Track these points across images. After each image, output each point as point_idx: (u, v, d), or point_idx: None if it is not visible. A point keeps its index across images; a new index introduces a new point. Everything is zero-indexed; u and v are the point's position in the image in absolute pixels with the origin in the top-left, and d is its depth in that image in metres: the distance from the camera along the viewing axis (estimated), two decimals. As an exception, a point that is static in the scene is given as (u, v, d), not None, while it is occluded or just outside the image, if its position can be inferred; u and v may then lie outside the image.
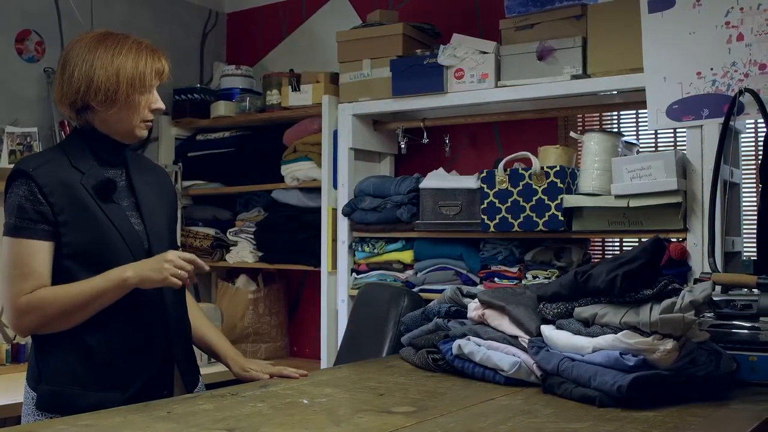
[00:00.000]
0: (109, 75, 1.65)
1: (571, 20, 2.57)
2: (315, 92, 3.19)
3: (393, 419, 1.38)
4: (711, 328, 1.83)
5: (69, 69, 1.67)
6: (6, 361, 3.04)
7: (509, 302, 1.82)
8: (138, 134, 1.73)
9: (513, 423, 1.37)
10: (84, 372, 1.63)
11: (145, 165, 1.86)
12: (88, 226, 1.63)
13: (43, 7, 3.34)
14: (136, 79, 1.67)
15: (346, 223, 3.04)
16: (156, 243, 1.71)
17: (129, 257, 1.64)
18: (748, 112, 2.21)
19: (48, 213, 1.61)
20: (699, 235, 2.28)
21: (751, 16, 2.20)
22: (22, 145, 3.09)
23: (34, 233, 1.60)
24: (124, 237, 1.65)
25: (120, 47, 1.68)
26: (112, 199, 1.68)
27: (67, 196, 1.62)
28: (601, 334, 1.58)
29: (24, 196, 1.61)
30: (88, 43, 1.69)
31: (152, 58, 1.72)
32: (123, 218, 1.68)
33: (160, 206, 1.79)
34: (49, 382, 1.64)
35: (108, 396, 1.59)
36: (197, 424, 1.34)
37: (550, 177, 2.48)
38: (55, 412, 1.60)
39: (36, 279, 1.60)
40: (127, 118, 1.69)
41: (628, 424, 1.36)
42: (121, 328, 1.65)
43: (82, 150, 1.70)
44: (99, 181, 1.66)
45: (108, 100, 1.66)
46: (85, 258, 1.63)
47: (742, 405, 1.54)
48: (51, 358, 1.65)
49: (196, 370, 1.83)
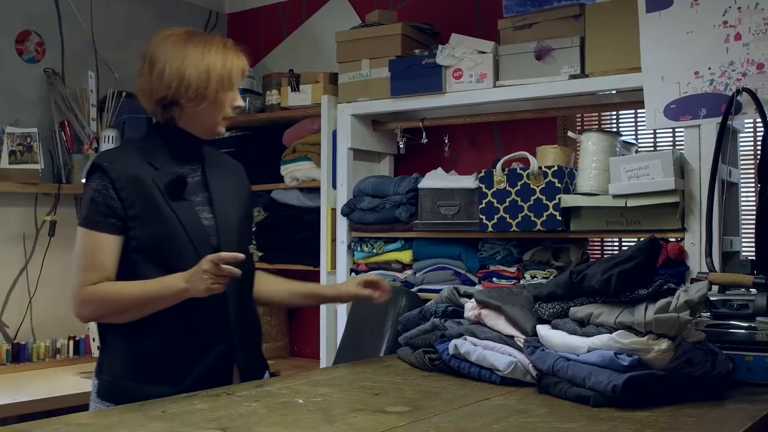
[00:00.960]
0: (200, 72, 1.70)
1: (569, 20, 2.57)
2: (314, 92, 3.20)
3: (387, 419, 1.38)
4: (708, 328, 1.82)
5: (159, 65, 1.71)
6: (6, 361, 3.05)
7: (505, 302, 1.82)
8: (219, 131, 1.80)
9: (507, 423, 1.37)
10: (137, 365, 1.69)
11: (222, 161, 1.91)
12: (155, 222, 1.68)
13: (43, 7, 3.34)
14: (225, 77, 1.73)
15: (345, 223, 3.04)
16: (225, 238, 1.75)
17: (192, 253, 1.68)
18: (746, 112, 2.21)
19: (118, 208, 1.67)
20: (697, 235, 2.28)
21: (748, 15, 2.20)
22: (22, 146, 3.10)
23: (104, 227, 1.66)
24: (189, 233, 1.70)
25: (209, 46, 1.73)
26: (183, 195, 1.72)
27: (138, 191, 1.68)
28: (596, 333, 1.58)
29: (97, 190, 1.67)
30: (176, 41, 1.73)
31: (237, 56, 1.78)
32: (191, 214, 1.72)
33: (234, 202, 1.83)
34: (108, 373, 1.72)
35: (159, 389, 1.62)
36: (191, 423, 1.34)
37: (548, 177, 2.48)
38: (111, 400, 1.67)
39: (101, 271, 1.66)
40: (212, 115, 1.75)
41: (621, 424, 1.36)
42: (180, 325, 1.69)
43: (160, 146, 1.76)
44: (170, 178, 1.71)
45: (198, 97, 1.71)
46: (150, 252, 1.68)
47: (738, 405, 1.53)
48: (111, 349, 1.73)
49: (261, 366, 1.87)
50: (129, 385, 1.67)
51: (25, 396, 2.65)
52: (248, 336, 1.82)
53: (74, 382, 2.89)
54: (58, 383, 2.88)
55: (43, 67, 3.31)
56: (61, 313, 3.33)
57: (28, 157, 3.11)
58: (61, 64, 3.39)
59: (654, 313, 1.52)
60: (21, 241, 3.25)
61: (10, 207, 3.21)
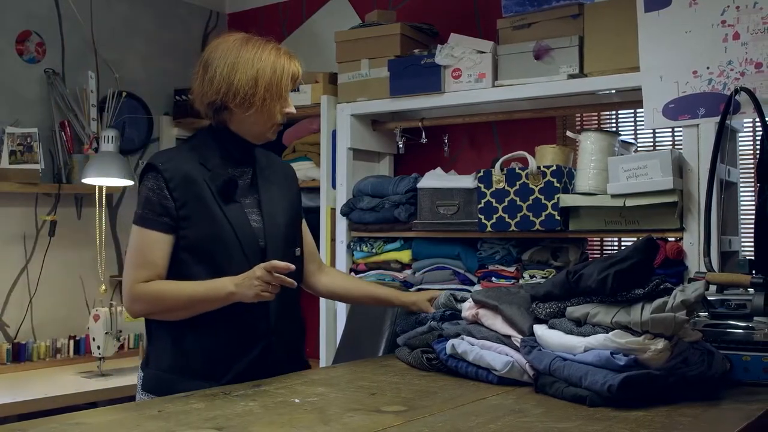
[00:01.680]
0: (249, 79, 1.73)
1: (568, 19, 2.57)
2: (314, 92, 3.20)
3: (382, 418, 1.38)
4: (705, 328, 1.82)
5: (211, 70, 1.75)
6: (6, 361, 3.06)
7: (502, 302, 1.82)
8: (268, 136, 1.83)
9: (502, 422, 1.37)
10: (181, 361, 1.74)
11: (274, 163, 1.94)
12: (206, 222, 1.72)
13: (43, 8, 3.35)
14: (273, 85, 1.75)
15: (344, 222, 3.05)
16: (271, 241, 1.79)
17: (240, 254, 1.72)
18: (744, 111, 2.20)
19: (171, 207, 1.71)
20: (695, 235, 2.28)
21: (747, 14, 2.20)
22: (22, 146, 3.11)
23: (156, 225, 1.71)
24: (238, 235, 1.73)
25: (261, 52, 1.76)
26: (234, 197, 1.75)
27: (190, 192, 1.72)
28: (593, 333, 1.58)
29: (152, 189, 1.72)
30: (231, 46, 1.77)
31: (289, 63, 1.79)
32: (241, 216, 1.76)
33: (282, 206, 1.86)
34: (153, 366, 1.78)
35: (200, 385, 1.66)
36: (187, 422, 1.34)
37: (547, 176, 2.48)
38: (154, 393, 1.73)
39: (152, 269, 1.70)
40: (260, 122, 1.78)
41: (617, 423, 1.36)
42: (222, 324, 1.73)
43: (212, 148, 1.79)
44: (222, 180, 1.74)
45: (246, 104, 1.74)
46: (199, 252, 1.72)
47: (734, 405, 1.53)
48: (156, 344, 1.79)
49: (301, 366, 1.89)
50: (172, 379, 1.72)
51: (25, 395, 2.66)
52: (289, 337, 1.85)
53: (74, 382, 2.89)
54: (59, 383, 2.88)
55: (44, 67, 3.32)
56: (61, 313, 3.34)
57: (28, 157, 3.11)
58: (62, 64, 3.39)
59: (650, 313, 1.52)
60: (21, 240, 3.25)
61: (11, 207, 3.22)
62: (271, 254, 1.77)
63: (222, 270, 1.71)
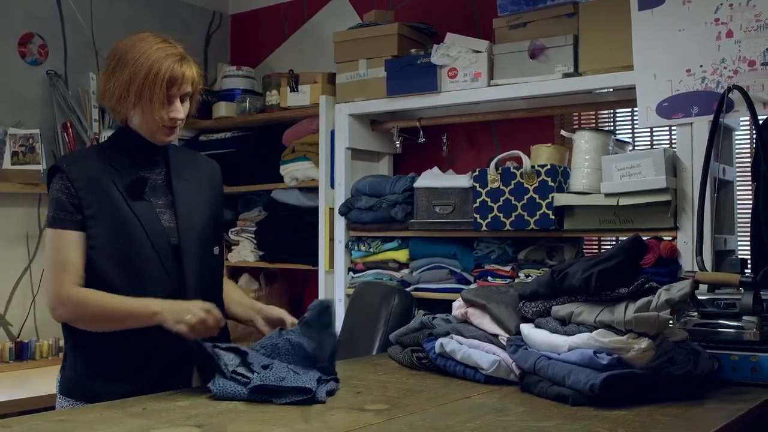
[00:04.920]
0: (122, 82, 1.70)
1: (563, 18, 2.57)
2: (313, 92, 3.21)
3: (363, 417, 1.39)
4: (695, 327, 1.82)
5: (103, 69, 1.75)
6: (9, 359, 3.09)
7: (491, 301, 1.83)
8: (159, 138, 1.76)
9: (481, 421, 1.37)
10: (94, 363, 1.71)
11: (194, 162, 1.91)
12: (113, 221, 1.69)
13: (46, 10, 3.38)
14: (145, 88, 1.68)
15: (342, 222, 3.05)
16: (186, 240, 1.76)
17: (151, 251, 1.71)
18: (738, 110, 2.19)
19: (79, 206, 1.69)
20: (689, 234, 2.27)
21: (740, 12, 2.19)
22: (24, 147, 3.14)
23: (70, 224, 1.68)
24: (148, 232, 1.71)
25: (144, 52, 1.69)
26: (143, 197, 1.73)
27: (96, 192, 1.70)
28: (577, 332, 1.58)
29: (59, 190, 1.70)
30: (125, 44, 1.74)
31: (174, 66, 1.70)
32: (151, 215, 1.73)
33: (199, 204, 1.83)
34: (68, 370, 1.76)
35: (117, 387, 1.63)
36: (169, 420, 1.36)
37: (541, 176, 2.48)
38: (71, 396, 1.72)
39: (73, 270, 1.67)
40: (146, 122, 1.73)
41: (596, 422, 1.36)
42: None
43: (121, 149, 1.77)
44: (130, 180, 1.73)
45: (120, 107, 1.72)
46: (110, 251, 1.69)
47: (719, 404, 1.53)
48: (72, 348, 1.76)
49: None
50: (87, 383, 1.69)
51: (27, 393, 2.68)
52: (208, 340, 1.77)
53: (75, 381, 2.92)
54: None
55: (46, 69, 3.35)
56: (63, 312, 3.36)
57: (30, 158, 3.14)
58: (64, 66, 3.42)
59: (634, 312, 1.52)
60: (24, 240, 3.29)
61: (13, 207, 3.25)
62: (186, 253, 1.74)
63: (135, 269, 1.68)
